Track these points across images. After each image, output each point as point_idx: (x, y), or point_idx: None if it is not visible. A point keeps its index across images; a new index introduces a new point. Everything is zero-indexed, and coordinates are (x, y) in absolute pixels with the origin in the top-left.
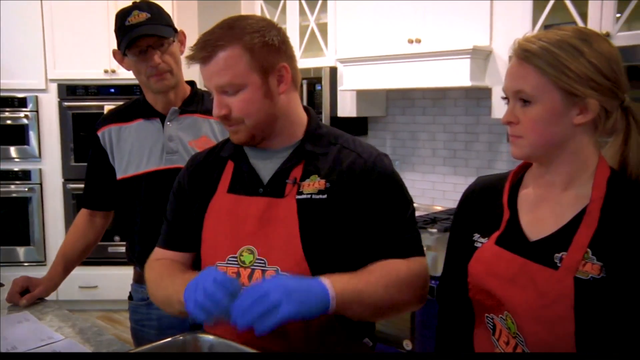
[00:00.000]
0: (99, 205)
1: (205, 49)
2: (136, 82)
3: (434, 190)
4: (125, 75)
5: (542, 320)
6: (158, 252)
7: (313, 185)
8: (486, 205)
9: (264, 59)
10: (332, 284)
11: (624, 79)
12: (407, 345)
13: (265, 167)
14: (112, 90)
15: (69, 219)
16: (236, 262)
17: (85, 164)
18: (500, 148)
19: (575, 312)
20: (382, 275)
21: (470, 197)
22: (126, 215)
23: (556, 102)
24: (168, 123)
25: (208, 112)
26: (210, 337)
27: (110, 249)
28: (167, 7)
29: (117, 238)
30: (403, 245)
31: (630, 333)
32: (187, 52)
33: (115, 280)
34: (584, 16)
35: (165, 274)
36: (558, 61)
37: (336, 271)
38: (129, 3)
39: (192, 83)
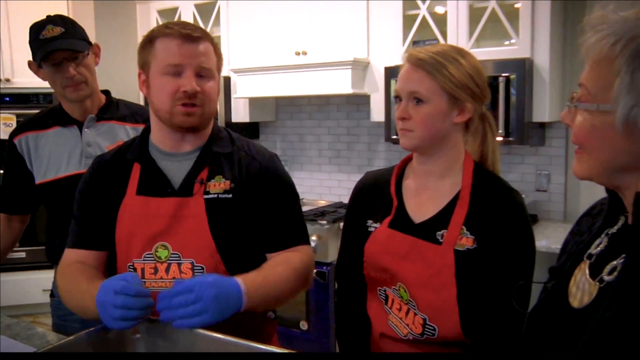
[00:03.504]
0: (17, 209)
1: (196, 31)
2: (33, 91)
3: (320, 186)
4: (21, 84)
5: (430, 288)
6: (69, 254)
7: (219, 186)
8: (376, 195)
9: (220, 62)
10: (246, 287)
11: (487, 89)
12: (303, 325)
13: (174, 169)
14: (7, 99)
15: None
16: (152, 258)
17: None
18: (379, 147)
19: (457, 278)
20: (283, 270)
21: (362, 189)
22: (48, 218)
23: (443, 103)
24: (86, 130)
25: (123, 118)
26: None
27: None
28: (63, 7)
29: None
30: (294, 235)
31: (499, 292)
32: (167, 28)
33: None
34: (444, 34)
35: (74, 284)
36: (445, 69)
37: (246, 259)
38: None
39: (107, 92)
